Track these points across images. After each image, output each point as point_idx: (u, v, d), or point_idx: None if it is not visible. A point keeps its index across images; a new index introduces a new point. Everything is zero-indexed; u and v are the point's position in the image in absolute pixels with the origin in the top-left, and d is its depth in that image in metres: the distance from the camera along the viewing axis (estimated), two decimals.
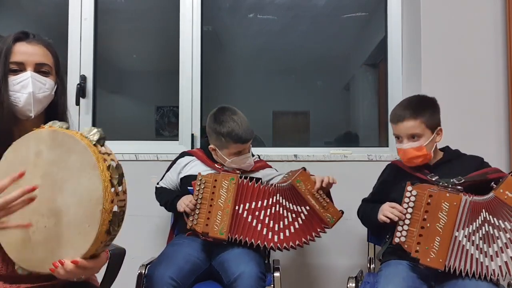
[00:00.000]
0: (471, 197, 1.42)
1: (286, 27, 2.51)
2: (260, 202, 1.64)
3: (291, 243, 1.62)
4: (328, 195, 1.68)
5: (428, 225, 1.42)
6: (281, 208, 1.65)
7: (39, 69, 1.13)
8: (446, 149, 1.70)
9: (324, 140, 2.52)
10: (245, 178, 1.66)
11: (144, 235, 2.19)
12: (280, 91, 2.55)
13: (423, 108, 1.59)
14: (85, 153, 0.93)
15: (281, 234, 1.63)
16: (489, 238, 1.40)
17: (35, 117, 1.14)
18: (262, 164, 1.90)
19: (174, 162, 1.90)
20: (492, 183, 1.48)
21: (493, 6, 2.16)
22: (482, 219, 1.41)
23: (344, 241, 2.16)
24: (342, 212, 1.64)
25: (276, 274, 1.66)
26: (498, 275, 1.38)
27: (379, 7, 2.44)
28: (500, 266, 1.38)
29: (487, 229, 1.41)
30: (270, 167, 1.91)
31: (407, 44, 2.33)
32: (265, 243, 1.61)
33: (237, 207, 1.62)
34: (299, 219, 1.64)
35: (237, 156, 1.75)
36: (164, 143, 2.43)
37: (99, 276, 1.28)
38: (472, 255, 1.39)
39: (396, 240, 1.47)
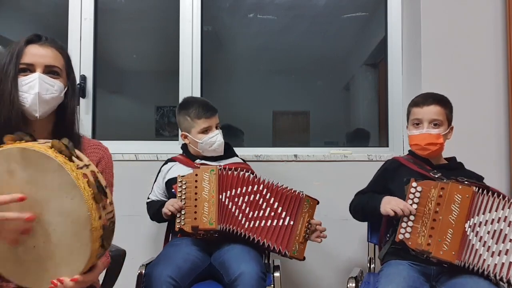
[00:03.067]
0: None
1: (286, 27, 2.51)
2: (239, 189, 1.66)
3: (257, 236, 1.61)
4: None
5: (441, 217, 1.42)
6: (261, 199, 1.66)
7: (49, 71, 1.15)
8: (451, 159, 1.71)
9: (324, 140, 2.52)
10: (225, 168, 1.68)
11: (144, 235, 2.19)
12: (280, 91, 2.55)
13: (447, 101, 1.66)
14: (61, 171, 0.89)
15: (252, 222, 1.63)
16: (499, 236, 1.40)
17: (45, 118, 1.15)
18: (244, 166, 1.91)
19: (159, 170, 1.93)
20: None
21: (493, 6, 2.16)
22: (500, 215, 1.41)
23: (344, 241, 2.16)
24: (304, 259, 1.65)
25: (276, 274, 1.65)
26: (490, 272, 1.37)
27: (379, 7, 2.44)
28: (495, 265, 1.38)
29: (501, 227, 1.40)
30: (253, 172, 1.88)
31: (407, 44, 2.33)
32: (238, 229, 1.61)
33: (221, 196, 1.64)
34: (276, 221, 1.63)
35: (206, 135, 1.81)
36: (164, 143, 2.43)
37: (100, 278, 1.28)
38: (473, 245, 1.40)
39: (400, 237, 1.46)
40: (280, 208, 1.65)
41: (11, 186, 0.92)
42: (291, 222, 1.64)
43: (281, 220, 1.64)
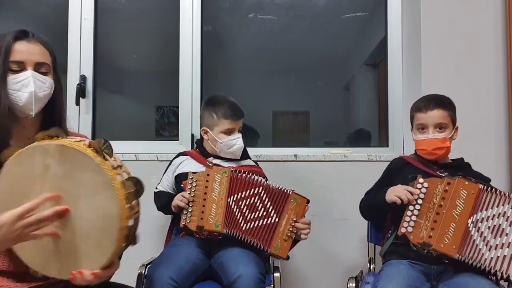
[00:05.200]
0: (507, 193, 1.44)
1: (286, 27, 2.51)
2: (244, 193, 1.65)
3: (247, 236, 1.61)
4: (295, 242, 1.66)
5: (444, 211, 1.43)
6: (258, 201, 1.65)
7: (39, 68, 1.14)
8: (457, 159, 1.71)
9: (324, 140, 2.52)
10: (237, 171, 1.67)
11: (144, 235, 2.17)
12: (280, 91, 2.55)
13: (449, 102, 1.65)
14: (99, 171, 0.94)
15: (248, 224, 1.62)
16: (498, 231, 1.41)
17: (34, 115, 1.14)
18: (257, 170, 1.90)
19: (170, 163, 1.93)
20: None
21: (493, 6, 2.16)
22: (500, 211, 1.42)
23: (344, 241, 2.16)
24: (288, 258, 1.62)
25: (276, 274, 1.66)
26: (487, 266, 1.38)
27: (379, 7, 2.44)
28: (492, 258, 1.38)
29: (500, 222, 1.41)
30: (265, 177, 1.89)
31: (407, 44, 2.33)
32: (239, 233, 1.61)
33: (229, 200, 1.63)
34: (265, 220, 1.63)
35: (227, 136, 1.79)
36: (164, 143, 2.43)
37: None
38: (474, 241, 1.40)
39: (403, 230, 1.46)
40: (271, 207, 1.65)
41: (44, 180, 0.96)
42: (276, 220, 1.63)
43: (270, 219, 1.63)
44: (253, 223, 1.63)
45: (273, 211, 1.64)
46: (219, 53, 2.55)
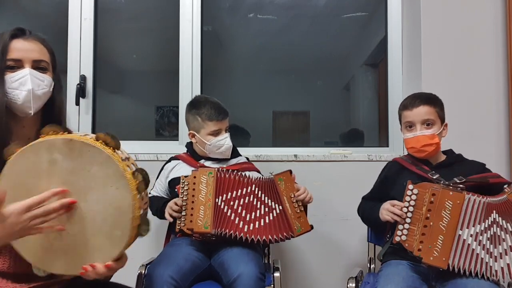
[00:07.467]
0: (486, 198, 1.42)
1: (286, 27, 2.51)
2: (235, 192, 1.65)
3: (258, 237, 1.60)
4: (305, 209, 1.69)
5: (431, 223, 1.41)
6: (255, 199, 1.66)
7: (37, 65, 1.12)
8: (448, 152, 1.71)
9: (324, 140, 2.52)
10: (224, 171, 1.67)
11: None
12: (280, 91, 2.55)
13: (435, 99, 1.66)
14: (109, 162, 0.94)
15: (251, 225, 1.62)
16: (495, 240, 1.40)
17: (34, 114, 1.13)
18: (249, 166, 1.90)
19: (162, 168, 1.92)
20: (505, 186, 1.48)
21: (493, 6, 2.16)
22: (492, 220, 1.41)
23: (344, 241, 2.16)
24: (312, 227, 1.64)
25: (276, 274, 1.66)
26: (499, 276, 1.38)
27: (379, 7, 2.44)
28: (502, 268, 1.38)
29: (495, 231, 1.41)
30: (258, 171, 1.90)
31: (407, 44, 2.33)
32: (236, 233, 1.60)
33: (217, 200, 1.63)
34: (271, 214, 1.65)
35: (215, 137, 1.80)
36: (164, 143, 2.43)
37: None
38: (477, 255, 1.39)
39: (397, 239, 1.46)
40: (269, 200, 1.66)
41: (51, 175, 0.95)
42: (280, 207, 1.65)
43: (274, 211, 1.65)
44: (258, 222, 1.63)
45: (272, 203, 1.66)
46: (219, 53, 2.55)
